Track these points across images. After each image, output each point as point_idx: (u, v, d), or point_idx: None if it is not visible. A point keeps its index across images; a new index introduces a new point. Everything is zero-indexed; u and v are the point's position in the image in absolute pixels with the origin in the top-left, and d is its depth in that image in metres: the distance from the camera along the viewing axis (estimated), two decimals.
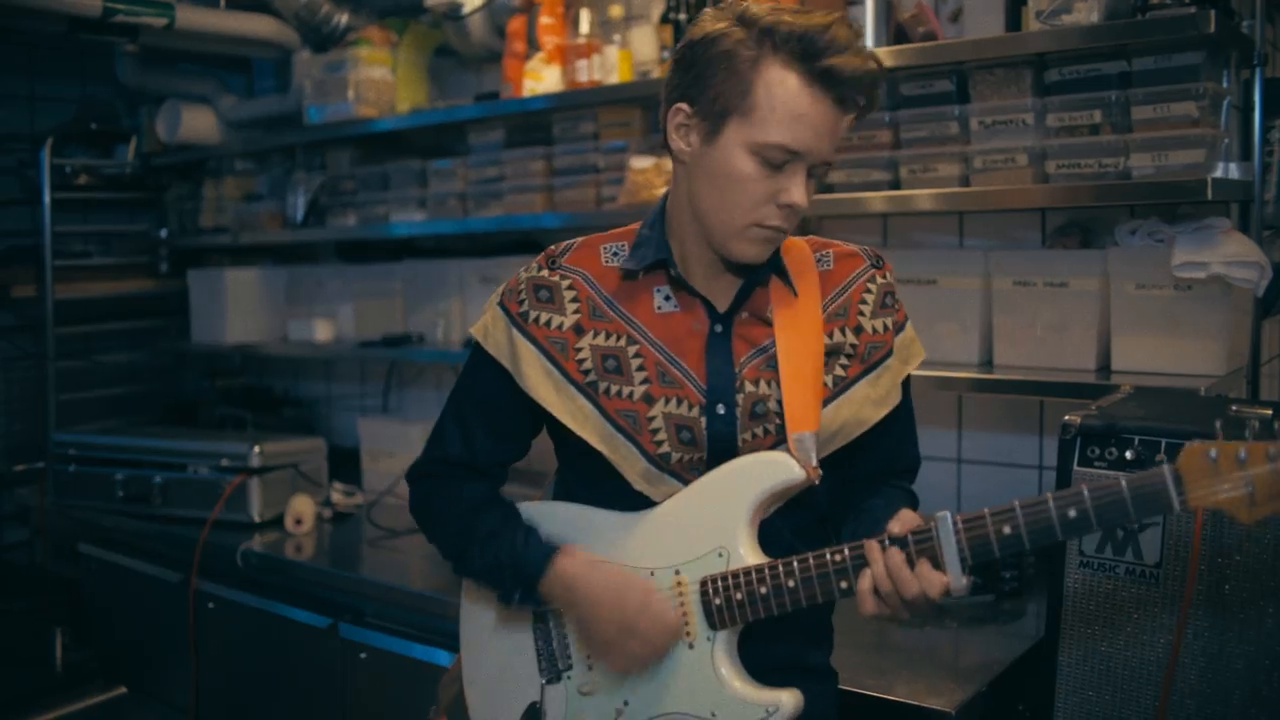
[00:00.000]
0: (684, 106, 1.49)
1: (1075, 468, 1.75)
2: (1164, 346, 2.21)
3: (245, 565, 2.92)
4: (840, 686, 1.79)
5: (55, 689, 3.01)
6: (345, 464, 3.53)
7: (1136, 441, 1.70)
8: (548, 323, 1.60)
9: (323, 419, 4.07)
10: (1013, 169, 2.28)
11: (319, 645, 2.71)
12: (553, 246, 1.67)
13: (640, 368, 1.56)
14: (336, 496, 3.29)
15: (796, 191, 1.46)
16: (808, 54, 1.41)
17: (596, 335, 1.58)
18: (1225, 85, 2.22)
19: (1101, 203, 2.25)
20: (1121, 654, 1.70)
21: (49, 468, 3.54)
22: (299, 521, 3.08)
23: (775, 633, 1.54)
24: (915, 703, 1.83)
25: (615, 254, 1.63)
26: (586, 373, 1.57)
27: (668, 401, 1.54)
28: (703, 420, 1.54)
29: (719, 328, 1.57)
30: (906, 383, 1.65)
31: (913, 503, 1.68)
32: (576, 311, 1.59)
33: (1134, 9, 2.10)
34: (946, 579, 1.38)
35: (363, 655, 2.61)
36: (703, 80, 1.46)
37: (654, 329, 1.58)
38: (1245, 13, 2.21)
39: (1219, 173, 2.16)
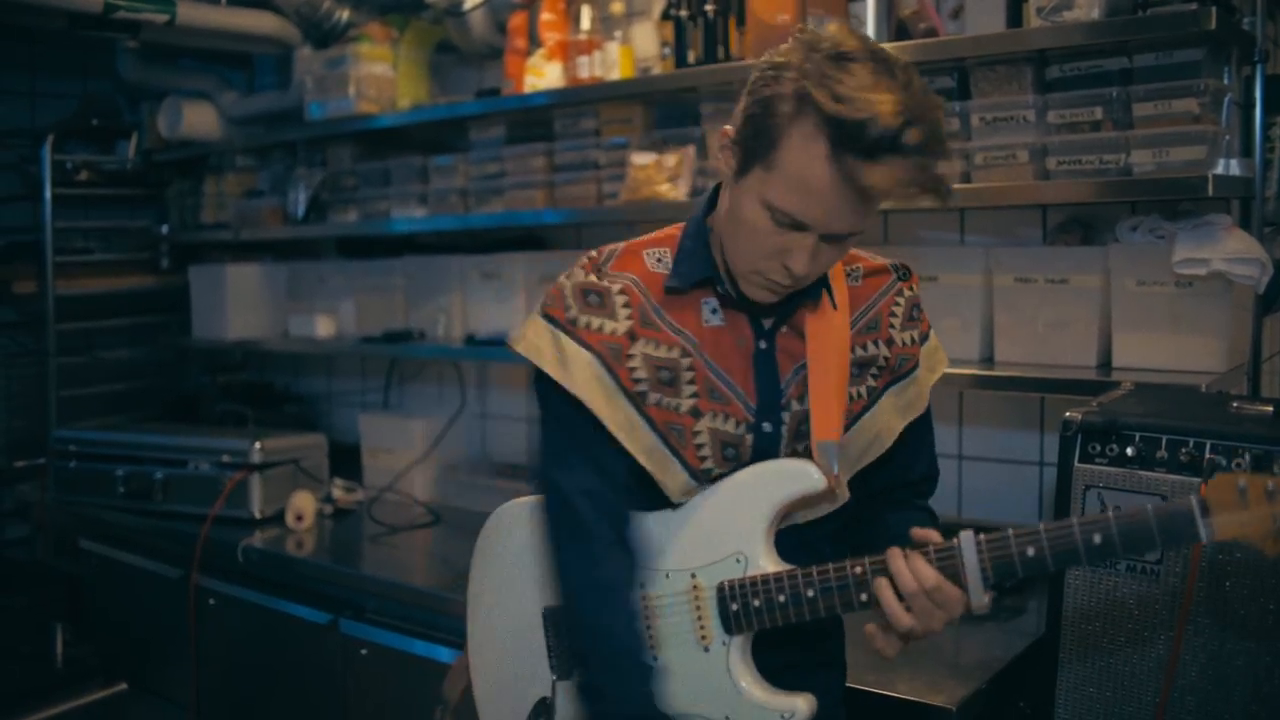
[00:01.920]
0: (729, 131, 1.44)
1: (1076, 464, 1.75)
2: (1165, 343, 2.21)
3: (246, 561, 2.92)
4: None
5: (56, 685, 3.01)
6: (346, 460, 3.53)
7: (1137, 438, 1.70)
8: (600, 328, 1.53)
9: (324, 415, 4.07)
10: (1014, 165, 2.28)
11: (319, 641, 2.71)
12: (594, 253, 1.60)
13: (691, 381, 1.53)
14: (337, 493, 3.29)
15: (799, 259, 1.40)
16: (840, 139, 1.29)
17: (649, 344, 1.53)
18: (1226, 82, 2.21)
19: (1102, 199, 2.24)
20: (1122, 651, 1.70)
21: (50, 464, 3.54)
22: (300, 518, 3.08)
23: (787, 628, 1.53)
24: (916, 699, 1.84)
25: (659, 260, 1.58)
26: (637, 381, 1.52)
27: (714, 417, 1.53)
28: (749, 438, 1.53)
29: (763, 344, 1.55)
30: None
31: (932, 522, 1.65)
32: (629, 318, 1.53)
33: (1135, 5, 2.10)
34: (965, 596, 1.38)
35: (363, 651, 2.61)
36: (748, 115, 1.40)
37: (704, 342, 1.54)
38: (1246, 9, 2.20)
39: (1220, 169, 2.16)
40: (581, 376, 1.51)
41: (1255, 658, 1.61)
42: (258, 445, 3.12)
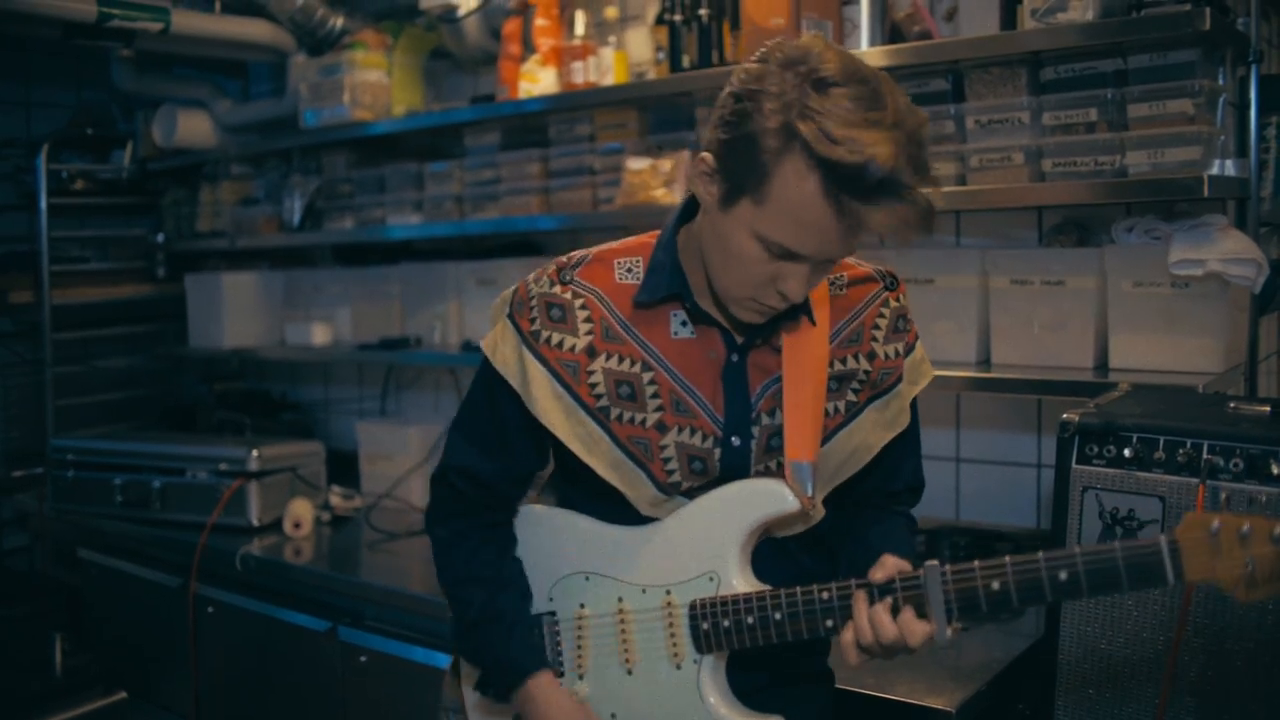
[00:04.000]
0: (708, 159, 1.40)
1: (1074, 466, 1.75)
2: (1161, 344, 2.21)
3: (244, 569, 2.91)
4: (840, 686, 1.79)
5: (55, 694, 3.00)
6: (343, 467, 3.53)
7: (1135, 439, 1.70)
8: (559, 344, 1.52)
9: (321, 422, 4.07)
10: (1009, 168, 2.28)
11: (318, 649, 2.71)
12: (563, 258, 1.59)
13: (655, 395, 1.51)
14: (335, 500, 3.29)
15: (794, 286, 1.38)
16: (836, 181, 1.27)
17: (610, 358, 1.52)
18: (1221, 82, 2.22)
19: (1098, 201, 2.25)
20: (1121, 652, 1.70)
21: (48, 473, 3.54)
22: (298, 525, 3.08)
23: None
24: (915, 702, 1.84)
25: (629, 270, 1.56)
26: (599, 397, 1.52)
27: (681, 430, 1.51)
28: (717, 452, 1.51)
29: (735, 357, 1.53)
30: (913, 403, 1.62)
31: (911, 528, 1.66)
32: (589, 333, 1.52)
33: (1129, 7, 2.10)
34: (930, 628, 1.36)
35: (362, 659, 2.61)
36: (729, 145, 1.35)
37: (670, 356, 1.52)
38: (1240, 10, 2.21)
39: (1215, 170, 2.16)
40: (540, 394, 1.53)
41: (1255, 658, 1.61)
42: (255, 453, 3.12)
